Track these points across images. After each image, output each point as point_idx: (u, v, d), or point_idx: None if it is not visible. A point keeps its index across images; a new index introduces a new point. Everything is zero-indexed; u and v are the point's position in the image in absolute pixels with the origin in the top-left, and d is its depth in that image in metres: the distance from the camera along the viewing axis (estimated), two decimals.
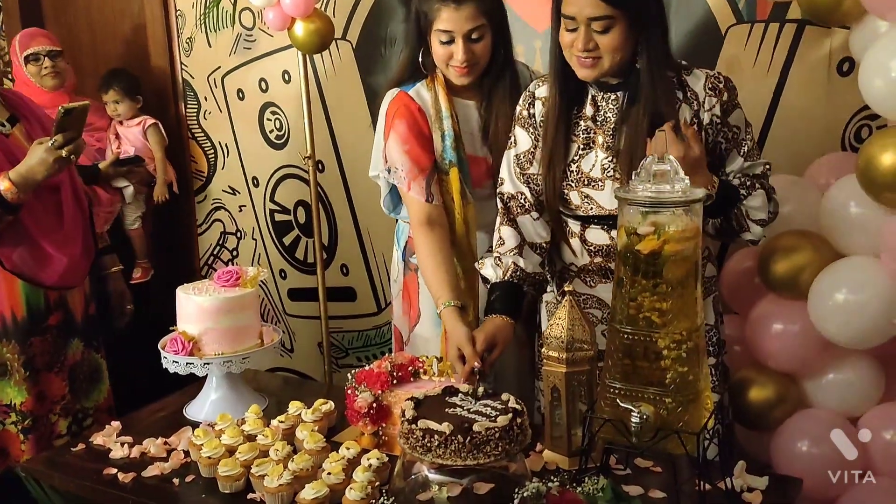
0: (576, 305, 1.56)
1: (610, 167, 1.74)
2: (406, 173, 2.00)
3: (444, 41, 1.91)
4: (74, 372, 2.23)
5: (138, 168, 3.11)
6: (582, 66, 1.68)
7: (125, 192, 3.11)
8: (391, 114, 2.02)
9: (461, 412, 1.43)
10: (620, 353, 1.40)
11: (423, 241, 1.98)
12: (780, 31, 2.28)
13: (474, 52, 1.92)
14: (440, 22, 1.89)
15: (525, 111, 1.86)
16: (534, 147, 1.85)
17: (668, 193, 1.34)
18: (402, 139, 1.99)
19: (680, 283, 1.36)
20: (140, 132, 3.19)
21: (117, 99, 3.15)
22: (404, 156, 1.99)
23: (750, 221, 1.74)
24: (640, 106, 1.68)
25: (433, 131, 2.01)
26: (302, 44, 2.61)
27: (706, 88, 1.71)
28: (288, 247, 3.32)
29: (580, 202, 1.78)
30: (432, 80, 2.01)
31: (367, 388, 1.70)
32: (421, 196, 1.99)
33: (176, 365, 1.84)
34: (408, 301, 2.16)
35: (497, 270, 1.85)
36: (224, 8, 3.05)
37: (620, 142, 1.72)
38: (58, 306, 2.19)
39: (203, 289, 1.90)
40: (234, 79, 3.26)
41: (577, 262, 1.85)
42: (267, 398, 1.98)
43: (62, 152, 1.99)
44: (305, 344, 3.33)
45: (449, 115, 1.99)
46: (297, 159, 3.08)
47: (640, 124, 1.67)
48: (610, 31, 1.62)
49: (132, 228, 3.21)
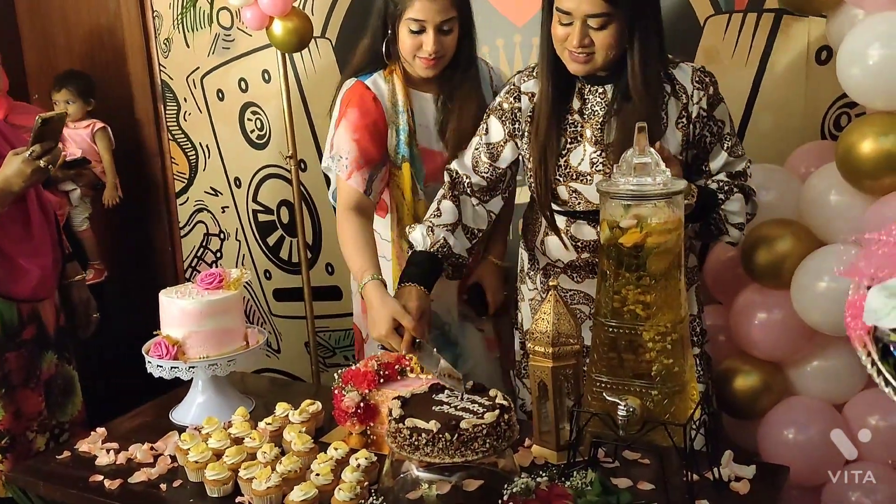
0: (561, 300, 1.56)
1: (599, 161, 1.74)
2: (351, 161, 1.95)
3: (415, 30, 1.87)
4: (49, 386, 2.19)
5: (85, 170, 3.10)
6: (574, 60, 1.66)
7: (72, 196, 3.11)
8: (346, 102, 1.98)
9: (448, 410, 1.43)
10: (606, 347, 1.41)
11: (347, 224, 1.94)
12: (757, 20, 2.29)
13: (443, 44, 1.89)
14: (412, 11, 1.85)
15: (506, 104, 1.84)
16: (504, 141, 1.85)
17: (650, 186, 1.34)
18: (353, 127, 1.95)
19: (663, 275, 1.37)
20: (88, 135, 3.17)
21: (69, 99, 3.13)
22: (352, 143, 1.95)
23: (729, 225, 1.74)
24: (632, 103, 1.67)
25: (388, 125, 1.97)
26: (281, 43, 2.60)
27: (693, 82, 1.71)
28: (272, 247, 3.30)
29: (568, 197, 1.78)
30: (391, 72, 1.98)
31: (353, 387, 1.70)
32: (360, 186, 1.95)
33: (160, 369, 1.83)
34: None
35: (426, 240, 1.82)
36: (201, 8, 3.03)
37: (609, 135, 1.71)
38: (31, 319, 2.14)
39: (186, 292, 1.89)
40: (213, 79, 3.24)
41: (563, 258, 1.85)
42: (254, 400, 1.97)
43: (40, 163, 1.95)
44: (292, 344, 3.32)
45: (405, 109, 1.96)
46: (279, 159, 3.06)
47: (632, 120, 1.66)
48: (606, 27, 1.61)
49: (81, 230, 3.20)
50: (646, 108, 1.65)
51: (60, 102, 3.13)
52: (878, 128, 1.79)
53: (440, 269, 1.84)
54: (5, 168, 1.97)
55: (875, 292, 0.93)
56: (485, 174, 1.88)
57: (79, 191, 3.12)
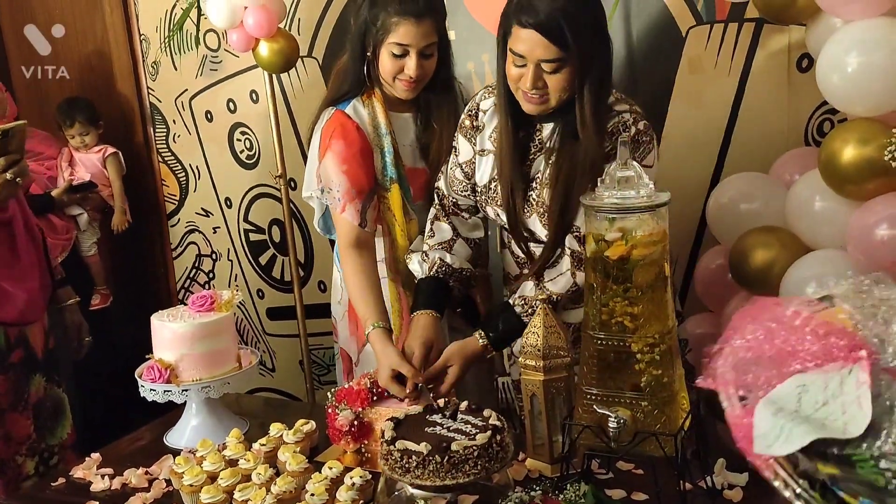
0: (550, 313, 1.57)
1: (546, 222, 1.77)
2: (342, 194, 1.95)
3: (398, 54, 1.89)
4: (38, 409, 2.19)
5: (92, 194, 3.09)
6: (529, 101, 1.67)
7: (79, 220, 3.09)
8: (328, 133, 1.97)
9: (440, 431, 1.43)
10: (595, 359, 1.42)
11: (351, 263, 1.96)
12: (738, 30, 2.32)
13: (425, 67, 1.91)
14: (396, 35, 1.87)
15: (468, 121, 1.88)
16: (475, 157, 1.87)
17: (634, 199, 1.36)
18: (341, 159, 1.95)
19: (650, 286, 1.38)
20: (99, 160, 3.17)
21: (84, 131, 3.12)
22: (342, 176, 1.95)
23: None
24: (577, 144, 1.68)
25: (373, 149, 1.98)
26: (267, 64, 2.61)
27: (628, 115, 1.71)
28: (264, 266, 3.31)
29: (494, 217, 1.83)
30: (369, 96, 1.99)
31: (347, 405, 1.70)
32: (354, 219, 1.96)
33: (154, 393, 1.83)
34: (354, 321, 2.14)
35: (423, 266, 1.88)
36: (188, 30, 3.04)
37: (557, 175, 1.73)
38: (18, 343, 2.14)
39: (178, 315, 1.89)
40: (201, 101, 3.25)
41: (512, 272, 1.90)
42: (248, 421, 1.97)
43: (6, 175, 1.92)
44: (286, 363, 3.32)
45: (388, 131, 1.97)
46: (268, 178, 3.06)
47: (577, 160, 1.68)
48: (560, 71, 1.61)
49: (89, 255, 3.18)
50: (593, 147, 1.65)
51: (77, 136, 3.13)
52: (858, 134, 1.81)
53: (447, 288, 1.87)
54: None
55: (761, 411, 0.81)
56: (464, 192, 1.90)
57: (86, 215, 3.11)
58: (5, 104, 2.91)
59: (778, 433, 0.80)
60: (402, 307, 2.04)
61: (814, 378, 0.79)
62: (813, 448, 0.77)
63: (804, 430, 0.77)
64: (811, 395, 0.79)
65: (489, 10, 2.64)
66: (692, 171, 2.38)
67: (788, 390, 0.81)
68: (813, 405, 0.79)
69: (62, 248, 2.99)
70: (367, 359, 2.14)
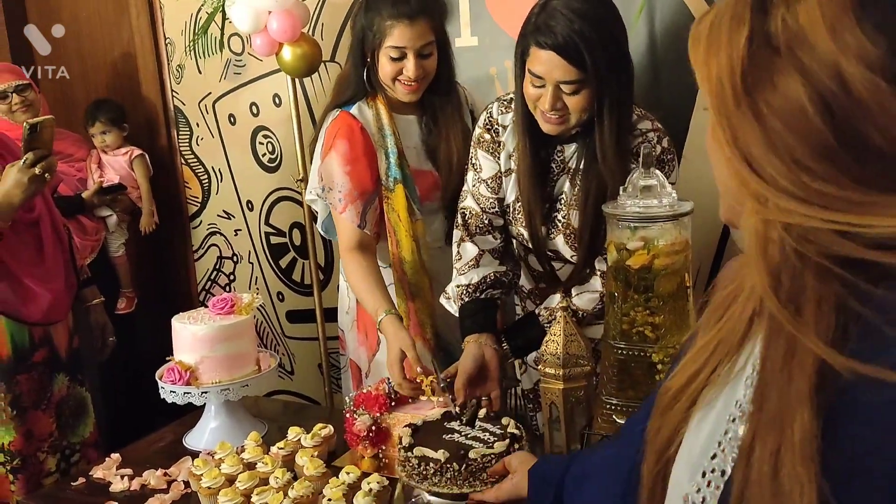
0: (570, 321, 1.56)
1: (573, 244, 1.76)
2: (344, 195, 1.97)
3: (395, 57, 1.89)
4: (61, 408, 2.21)
5: (122, 196, 3.14)
6: (547, 122, 1.66)
7: (108, 221, 3.14)
8: (332, 133, 1.99)
9: (458, 438, 1.42)
10: (615, 369, 1.41)
11: (354, 264, 1.97)
12: None
13: (424, 67, 1.92)
14: (392, 38, 1.88)
15: (487, 135, 1.83)
16: (498, 174, 1.83)
17: (657, 208, 1.35)
18: (345, 159, 1.96)
19: (671, 296, 1.37)
20: (126, 162, 3.21)
21: (104, 130, 3.17)
22: (345, 177, 1.96)
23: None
24: (598, 166, 1.67)
25: (377, 150, 1.98)
26: (290, 68, 2.62)
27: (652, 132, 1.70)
28: (284, 269, 3.32)
29: (516, 234, 1.82)
30: (373, 99, 2.00)
31: (365, 410, 1.70)
32: (354, 221, 1.97)
33: (173, 395, 1.84)
34: (363, 331, 2.15)
35: (459, 290, 1.84)
36: (213, 34, 3.06)
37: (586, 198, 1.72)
38: (43, 342, 2.17)
39: (198, 317, 1.90)
40: (225, 104, 3.27)
41: (526, 285, 1.90)
42: (266, 424, 1.97)
43: (35, 170, 1.95)
44: (305, 366, 3.32)
45: (391, 132, 1.97)
46: (290, 182, 3.08)
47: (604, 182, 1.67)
48: (579, 93, 1.59)
49: (116, 256, 3.22)
50: (617, 169, 1.64)
51: (98, 135, 3.18)
52: None
53: (488, 302, 1.82)
54: (4, 181, 1.97)
55: None
56: (493, 210, 1.86)
57: (115, 217, 3.16)
58: (39, 105, 2.96)
59: None
60: (409, 309, 2.04)
61: None
62: None
63: None
64: None
65: (512, 16, 2.64)
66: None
67: None
68: None
69: (92, 249, 3.03)
70: (378, 368, 2.13)
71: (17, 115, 2.89)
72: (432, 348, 2.05)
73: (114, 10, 3.40)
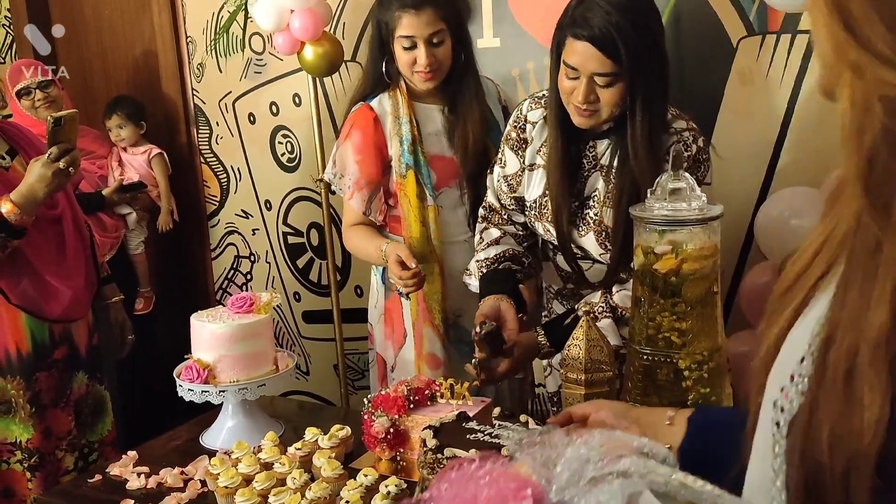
0: (593, 326, 1.54)
1: (575, 211, 1.75)
2: (353, 182, 2.09)
3: (407, 47, 1.98)
4: (79, 406, 2.21)
5: (142, 194, 3.15)
6: (580, 115, 1.65)
7: (128, 219, 3.16)
8: (350, 123, 2.11)
9: (483, 437, 1.40)
10: (640, 375, 1.38)
11: (354, 233, 2.15)
12: (791, 42, 2.26)
13: (436, 55, 1.99)
14: (401, 28, 1.97)
15: (514, 132, 1.85)
16: (521, 170, 1.85)
17: (686, 211, 1.32)
18: (357, 149, 2.08)
19: (699, 301, 1.34)
20: (145, 160, 3.22)
21: (120, 124, 3.18)
22: (355, 165, 2.08)
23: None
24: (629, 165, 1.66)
25: (391, 138, 2.07)
26: (311, 67, 2.62)
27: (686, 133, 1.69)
28: (301, 269, 3.32)
29: (543, 232, 1.81)
30: (395, 90, 2.08)
31: (383, 412, 1.69)
32: (360, 208, 2.11)
33: (191, 393, 1.83)
34: (391, 325, 2.18)
35: (478, 265, 1.89)
36: (234, 33, 3.07)
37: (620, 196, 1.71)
38: (63, 340, 2.16)
39: (217, 316, 1.89)
40: (245, 103, 3.28)
41: (554, 285, 1.89)
42: (283, 424, 1.96)
43: (59, 164, 1.94)
44: (321, 367, 3.32)
45: (408, 119, 2.05)
46: (309, 182, 3.08)
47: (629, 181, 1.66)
48: (613, 86, 1.59)
49: (136, 253, 3.24)
50: (643, 169, 1.62)
51: (114, 128, 3.19)
52: None
53: (508, 272, 1.85)
54: (28, 176, 1.97)
55: None
56: (512, 206, 1.89)
57: (135, 214, 3.17)
58: (62, 101, 2.97)
59: None
60: (419, 293, 2.07)
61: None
62: None
63: None
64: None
65: (535, 18, 2.62)
66: (740, 184, 2.33)
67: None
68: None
69: (111, 246, 3.04)
70: (404, 364, 2.14)
71: (41, 112, 2.90)
72: (441, 335, 2.07)
73: (136, 7, 3.42)
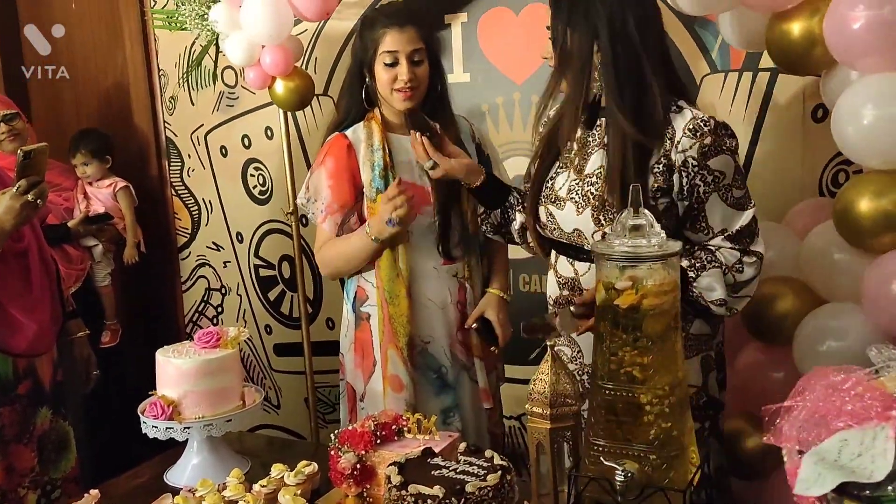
0: (559, 359, 1.54)
1: (575, 189, 1.76)
2: (325, 206, 2.12)
3: (389, 63, 2.03)
4: (43, 442, 2.16)
5: (108, 226, 3.13)
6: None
7: (94, 251, 3.14)
8: (324, 150, 2.15)
9: (448, 473, 1.40)
10: (603, 410, 1.39)
11: (328, 245, 2.14)
12: (753, 79, 2.32)
13: (416, 73, 2.04)
14: (385, 45, 2.03)
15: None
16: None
17: (645, 248, 1.34)
18: (329, 174, 2.11)
19: (660, 336, 1.35)
20: (111, 194, 3.20)
21: (86, 161, 3.17)
22: (328, 190, 2.11)
23: (708, 302, 1.70)
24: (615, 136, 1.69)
25: (363, 164, 2.10)
26: (282, 101, 2.64)
27: (685, 129, 1.66)
28: (273, 302, 3.30)
29: (545, 220, 1.83)
30: (370, 120, 2.13)
31: (350, 448, 1.68)
32: (332, 231, 2.13)
33: (155, 430, 1.81)
34: (360, 353, 2.18)
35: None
36: (206, 66, 3.08)
37: (584, 165, 1.75)
38: (27, 374, 2.12)
39: (183, 351, 1.88)
40: (217, 136, 3.28)
41: (552, 295, 1.88)
42: (250, 461, 1.94)
43: (28, 197, 1.94)
44: (292, 400, 3.29)
45: (381, 147, 2.10)
46: (280, 214, 3.08)
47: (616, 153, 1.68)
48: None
49: (102, 285, 3.21)
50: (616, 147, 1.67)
51: (79, 165, 3.18)
52: (874, 187, 1.79)
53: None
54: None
55: (806, 460, 0.99)
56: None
57: (101, 246, 3.15)
58: (27, 134, 2.96)
59: (815, 478, 0.97)
60: (384, 315, 2.09)
61: (854, 434, 0.97)
62: (846, 490, 0.97)
63: (836, 475, 0.96)
64: (850, 448, 0.97)
65: (505, 54, 2.67)
66: None
67: (832, 444, 0.99)
68: (850, 456, 0.97)
69: (76, 278, 3.01)
70: (373, 395, 2.13)
71: (5, 145, 2.89)
72: (404, 358, 2.08)
73: (108, 39, 3.42)
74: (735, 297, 1.71)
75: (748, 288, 1.72)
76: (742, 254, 1.71)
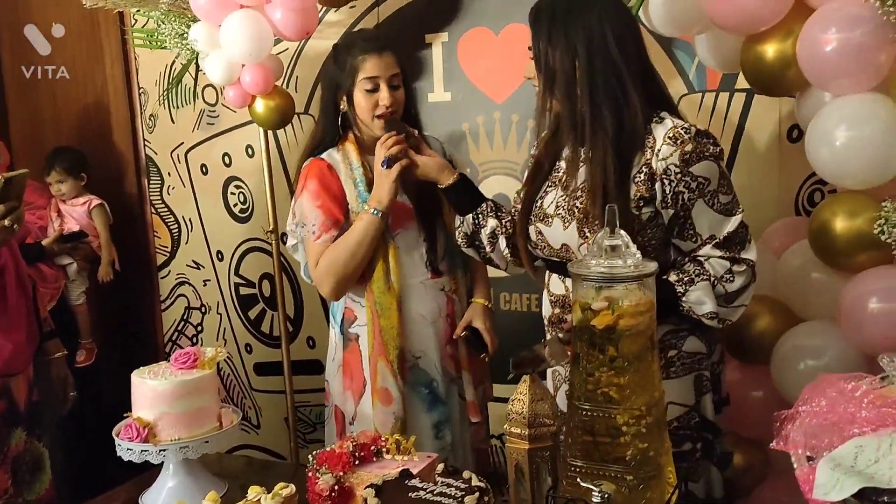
0: (537, 380, 1.54)
1: (562, 204, 1.77)
2: (318, 227, 2.08)
3: (370, 89, 2.03)
4: (17, 463, 2.13)
5: (82, 244, 3.11)
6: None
7: (69, 269, 3.12)
8: (304, 175, 2.12)
9: (425, 496, 1.39)
10: (580, 431, 1.39)
11: (331, 248, 2.06)
12: (729, 100, 2.34)
13: (396, 98, 2.05)
14: (364, 71, 2.03)
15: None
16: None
17: (621, 268, 1.34)
18: (314, 195, 2.09)
19: (636, 357, 1.35)
20: (85, 212, 3.18)
21: (60, 179, 3.15)
22: (317, 210, 2.08)
23: (699, 316, 1.70)
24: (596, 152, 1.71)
25: (346, 183, 2.10)
26: (263, 120, 2.63)
27: (665, 137, 1.67)
28: (253, 320, 3.28)
29: (536, 238, 1.83)
30: (342, 143, 2.13)
31: (328, 469, 1.66)
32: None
33: (130, 452, 1.78)
34: (349, 375, 2.16)
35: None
36: (187, 85, 3.08)
37: (571, 182, 1.77)
38: (1, 395, 2.10)
39: (159, 372, 1.85)
40: (197, 154, 3.27)
41: (546, 315, 1.88)
42: (227, 483, 1.91)
43: (5, 222, 1.93)
44: (272, 419, 3.27)
45: (360, 164, 2.10)
46: (261, 232, 3.07)
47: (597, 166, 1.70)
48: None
49: (77, 304, 3.19)
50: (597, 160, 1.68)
51: (54, 183, 3.16)
52: (848, 206, 1.81)
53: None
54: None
55: (822, 466, 1.00)
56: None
57: (76, 265, 3.13)
58: (1, 152, 2.93)
59: (833, 483, 0.99)
60: (374, 327, 2.08)
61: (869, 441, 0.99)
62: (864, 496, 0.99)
63: (854, 481, 0.98)
64: (866, 455, 0.99)
65: (485, 74, 2.69)
66: None
67: (847, 450, 1.01)
68: (867, 462, 0.99)
69: (51, 297, 2.99)
70: (364, 418, 2.12)
71: None
72: (394, 371, 2.07)
73: (88, 57, 3.41)
74: (728, 308, 1.71)
75: (742, 297, 1.72)
76: (732, 262, 1.70)
